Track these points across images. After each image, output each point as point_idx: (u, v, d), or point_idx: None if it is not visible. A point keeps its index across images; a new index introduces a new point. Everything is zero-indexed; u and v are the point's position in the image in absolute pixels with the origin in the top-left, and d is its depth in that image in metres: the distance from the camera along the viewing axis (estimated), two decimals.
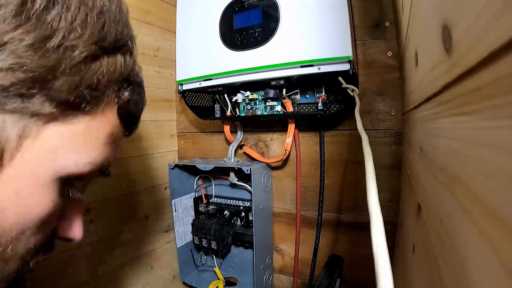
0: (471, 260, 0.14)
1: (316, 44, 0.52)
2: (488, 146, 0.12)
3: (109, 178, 0.30)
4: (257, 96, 0.68)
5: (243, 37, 0.59)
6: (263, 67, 0.57)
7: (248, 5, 0.59)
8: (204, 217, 0.75)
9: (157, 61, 0.82)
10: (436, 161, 0.23)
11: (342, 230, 0.68)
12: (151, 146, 0.81)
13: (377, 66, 0.63)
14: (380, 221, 0.18)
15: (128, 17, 0.26)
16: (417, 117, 0.35)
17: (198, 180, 0.81)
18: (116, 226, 0.71)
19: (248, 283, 0.77)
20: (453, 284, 0.17)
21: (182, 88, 0.70)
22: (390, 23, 0.62)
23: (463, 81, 0.16)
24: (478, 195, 0.13)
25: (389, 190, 0.62)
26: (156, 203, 0.82)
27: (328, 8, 0.52)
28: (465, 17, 0.15)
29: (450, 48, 0.17)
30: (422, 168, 0.30)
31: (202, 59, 0.64)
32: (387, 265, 0.16)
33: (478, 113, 0.14)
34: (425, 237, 0.25)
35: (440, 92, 0.21)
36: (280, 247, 0.77)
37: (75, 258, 0.62)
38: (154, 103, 0.81)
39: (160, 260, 0.83)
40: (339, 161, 0.68)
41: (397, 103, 0.62)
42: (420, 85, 0.31)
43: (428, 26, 0.24)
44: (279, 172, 0.76)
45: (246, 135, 0.79)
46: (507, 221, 0.10)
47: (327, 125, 0.68)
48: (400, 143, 0.61)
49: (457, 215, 0.16)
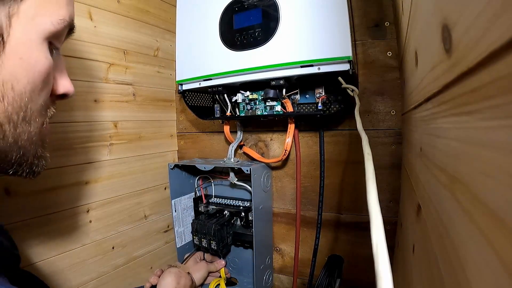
0: (471, 260, 0.14)
1: (316, 44, 0.52)
2: (488, 146, 0.12)
3: (109, 178, 0.33)
4: (257, 96, 0.68)
5: (243, 37, 0.59)
6: (263, 67, 0.57)
7: (248, 5, 0.59)
8: (204, 217, 0.75)
9: (157, 61, 0.82)
10: (436, 161, 0.23)
11: (342, 230, 0.68)
12: (151, 146, 0.81)
13: (377, 66, 0.63)
14: (380, 221, 0.18)
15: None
16: (417, 117, 0.35)
17: (198, 180, 0.81)
18: (116, 226, 0.71)
19: (248, 283, 0.77)
20: (453, 284, 0.17)
21: (182, 88, 0.70)
22: (390, 23, 0.62)
23: (463, 81, 0.16)
24: (478, 195, 0.13)
25: (389, 190, 0.62)
26: (156, 203, 0.82)
27: (328, 8, 0.52)
28: (465, 17, 0.15)
29: (450, 48, 0.17)
30: (422, 168, 0.30)
31: (202, 59, 0.64)
32: (387, 265, 0.16)
33: (478, 113, 0.14)
34: (425, 237, 0.25)
35: (440, 92, 0.21)
36: (280, 247, 0.77)
37: (76, 258, 0.62)
38: (154, 103, 0.81)
39: (160, 260, 0.83)
40: (339, 161, 0.68)
41: (397, 103, 0.62)
42: (420, 85, 0.31)
43: (428, 26, 0.24)
44: (279, 172, 0.76)
45: (246, 135, 0.79)
46: (507, 221, 0.10)
47: (327, 125, 0.68)
48: (399, 143, 0.61)
49: (457, 215, 0.16)
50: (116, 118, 0.71)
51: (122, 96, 0.72)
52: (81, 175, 0.63)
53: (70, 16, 0.31)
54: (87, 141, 0.64)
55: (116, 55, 0.71)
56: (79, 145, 0.63)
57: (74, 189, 0.62)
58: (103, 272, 0.67)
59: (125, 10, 0.72)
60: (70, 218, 0.61)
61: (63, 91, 0.34)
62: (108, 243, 0.69)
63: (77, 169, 0.62)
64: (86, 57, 0.64)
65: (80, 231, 0.63)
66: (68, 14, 0.30)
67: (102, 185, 0.67)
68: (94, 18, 0.65)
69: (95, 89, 0.66)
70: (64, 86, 0.34)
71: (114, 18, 0.70)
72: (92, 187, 0.65)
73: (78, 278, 0.62)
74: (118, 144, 0.71)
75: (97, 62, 0.66)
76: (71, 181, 0.61)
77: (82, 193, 0.63)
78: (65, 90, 0.34)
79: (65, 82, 0.34)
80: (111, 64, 0.69)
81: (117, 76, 0.71)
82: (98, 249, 0.66)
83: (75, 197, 0.62)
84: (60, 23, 0.29)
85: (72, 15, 0.32)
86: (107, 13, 0.68)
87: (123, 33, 0.72)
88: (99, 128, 0.67)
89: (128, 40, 0.73)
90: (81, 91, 0.63)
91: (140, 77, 0.77)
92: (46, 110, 0.31)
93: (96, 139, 0.66)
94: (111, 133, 0.70)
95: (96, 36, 0.65)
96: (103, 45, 0.67)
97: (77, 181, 0.62)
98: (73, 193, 0.62)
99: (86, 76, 0.64)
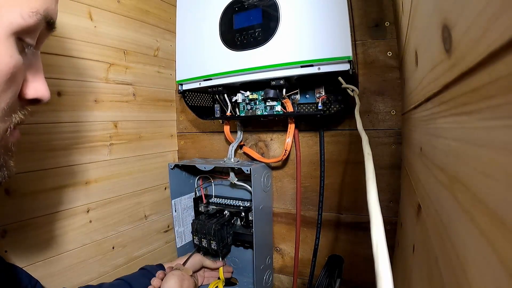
0: (471, 260, 0.14)
1: (316, 44, 0.52)
2: (488, 146, 0.12)
3: (109, 178, 0.31)
4: (257, 96, 0.68)
5: (243, 37, 0.59)
6: (263, 67, 0.57)
7: (248, 5, 0.59)
8: (204, 217, 0.75)
9: (157, 61, 0.82)
10: (436, 161, 0.23)
11: (342, 230, 0.68)
12: (151, 146, 0.81)
13: (377, 66, 0.63)
14: (380, 221, 0.18)
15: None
16: (417, 117, 0.35)
17: (198, 180, 0.81)
18: (116, 226, 0.71)
19: (248, 283, 0.77)
20: (453, 284, 0.17)
21: (182, 88, 0.70)
22: (390, 23, 0.62)
23: (463, 81, 0.16)
24: (478, 195, 0.13)
25: (389, 190, 0.62)
26: (156, 203, 0.82)
27: (328, 8, 0.52)
28: (465, 17, 0.15)
29: (450, 48, 0.17)
30: (422, 168, 0.30)
31: (202, 59, 0.64)
32: (387, 265, 0.16)
33: (478, 113, 0.14)
34: (425, 237, 0.25)
35: (440, 92, 0.21)
36: (280, 247, 0.77)
37: (76, 258, 0.62)
38: (154, 103, 0.81)
39: (160, 260, 0.83)
40: (339, 161, 0.68)
41: (397, 103, 0.62)
42: (420, 85, 0.31)
43: (428, 26, 0.24)
44: (279, 172, 0.76)
45: (246, 135, 0.79)
46: (507, 221, 0.10)
47: (327, 125, 0.68)
48: (400, 143, 0.61)
49: (457, 215, 0.16)
50: (116, 118, 0.71)
51: (122, 96, 0.72)
52: (81, 175, 0.63)
53: (47, 9, 0.27)
54: (87, 141, 0.64)
55: (116, 55, 0.71)
56: (79, 145, 0.63)
57: (74, 189, 0.62)
58: (103, 272, 0.67)
59: (125, 10, 0.72)
60: (70, 218, 0.61)
61: (34, 95, 0.29)
62: (108, 243, 0.69)
63: (77, 169, 0.62)
64: (86, 57, 0.64)
65: (80, 231, 0.63)
66: (43, 7, 0.26)
67: (102, 185, 0.67)
68: (94, 18, 0.65)
69: (95, 89, 0.66)
70: (37, 90, 0.29)
71: (114, 18, 0.70)
72: (92, 187, 0.65)
73: (78, 278, 0.62)
74: (118, 144, 0.71)
75: (97, 62, 0.66)
76: (71, 181, 0.61)
77: (82, 193, 0.63)
78: (38, 94, 0.29)
79: (38, 85, 0.29)
80: (111, 64, 0.69)
81: (117, 76, 0.71)
82: (98, 249, 0.66)
83: (75, 197, 0.62)
84: (32, 16, 0.25)
85: (50, 9, 0.28)
86: (107, 13, 0.68)
87: (123, 33, 0.72)
88: (99, 128, 0.67)
89: (128, 40, 0.73)
90: (81, 91, 0.63)
91: (140, 77, 0.77)
92: (10, 115, 0.27)
93: (96, 139, 0.66)
94: (111, 133, 0.70)
95: (96, 36, 0.65)
96: (103, 45, 0.67)
97: (77, 181, 0.62)
98: (73, 193, 0.62)
99: (86, 76, 0.64)
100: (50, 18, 0.28)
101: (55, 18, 0.29)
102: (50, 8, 0.27)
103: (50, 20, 0.28)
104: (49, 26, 0.29)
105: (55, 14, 0.29)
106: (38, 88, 0.29)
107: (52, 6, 0.28)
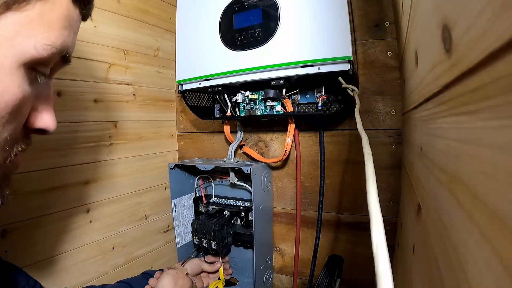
0: (471, 260, 0.14)
1: (316, 44, 0.52)
2: (488, 146, 0.12)
3: (109, 178, 0.31)
4: (257, 96, 0.68)
5: (243, 37, 0.59)
6: (263, 67, 0.57)
7: (248, 5, 0.59)
8: (204, 217, 0.75)
9: (157, 61, 0.82)
10: (436, 161, 0.23)
11: (342, 230, 0.68)
12: (151, 146, 0.81)
13: (377, 66, 0.63)
14: (380, 221, 0.18)
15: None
16: (417, 117, 0.35)
17: (198, 180, 0.81)
18: (116, 226, 0.71)
19: (248, 283, 0.77)
20: (453, 284, 0.17)
21: (182, 88, 0.70)
22: (390, 23, 0.62)
23: (463, 81, 0.16)
24: (478, 195, 0.13)
25: (389, 190, 0.62)
26: (156, 203, 0.82)
27: (328, 8, 0.52)
28: (464, 17, 0.15)
29: (450, 48, 0.17)
30: (422, 168, 0.30)
31: (202, 59, 0.64)
32: (387, 265, 0.16)
33: (478, 113, 0.14)
34: (425, 237, 0.25)
35: (440, 92, 0.21)
36: (280, 247, 0.77)
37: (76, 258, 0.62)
38: (154, 103, 0.81)
39: (160, 260, 0.83)
40: (339, 161, 0.68)
41: (397, 103, 0.62)
42: (420, 85, 0.31)
43: (428, 26, 0.24)
44: (279, 172, 0.76)
45: (246, 135, 0.79)
46: (507, 221, 0.10)
47: (327, 125, 0.68)
48: (400, 143, 0.61)
49: (457, 215, 0.16)
50: (116, 118, 0.71)
51: (122, 96, 0.72)
52: (81, 175, 0.63)
53: (63, 43, 0.26)
54: (87, 141, 0.64)
55: (116, 55, 0.71)
56: (79, 145, 0.63)
57: (74, 189, 0.62)
58: (103, 272, 0.67)
59: (125, 10, 0.72)
60: (70, 218, 0.61)
61: (41, 126, 0.28)
62: (108, 243, 0.69)
63: (77, 169, 0.62)
64: (86, 57, 0.64)
65: (80, 231, 0.63)
66: (60, 40, 0.25)
67: (102, 185, 0.67)
68: (94, 18, 0.65)
69: (95, 89, 0.66)
70: (45, 121, 0.28)
71: (114, 18, 0.70)
72: (92, 187, 0.65)
73: (78, 278, 0.62)
74: (118, 144, 0.71)
75: (97, 62, 0.66)
76: (71, 181, 0.61)
77: (82, 193, 0.63)
78: (45, 125, 0.28)
79: (46, 117, 0.28)
80: (111, 64, 0.69)
81: (117, 76, 0.71)
82: (98, 249, 0.66)
83: (75, 197, 0.62)
84: (47, 49, 0.24)
85: (67, 41, 0.26)
86: (107, 13, 0.68)
87: (123, 33, 0.72)
88: (99, 128, 0.67)
89: (128, 40, 0.73)
90: (81, 91, 0.63)
91: (140, 77, 0.77)
92: (12, 145, 0.26)
93: (96, 139, 0.66)
94: (111, 133, 0.70)
95: (96, 36, 0.65)
96: (103, 45, 0.67)
97: (77, 181, 0.62)
98: (73, 193, 0.62)
99: (86, 76, 0.64)
100: (66, 52, 0.27)
101: (72, 52, 0.28)
102: (67, 41, 0.26)
103: (66, 54, 0.27)
104: (64, 60, 0.28)
105: (72, 47, 0.28)
106: (46, 120, 0.28)
107: (70, 39, 0.27)
